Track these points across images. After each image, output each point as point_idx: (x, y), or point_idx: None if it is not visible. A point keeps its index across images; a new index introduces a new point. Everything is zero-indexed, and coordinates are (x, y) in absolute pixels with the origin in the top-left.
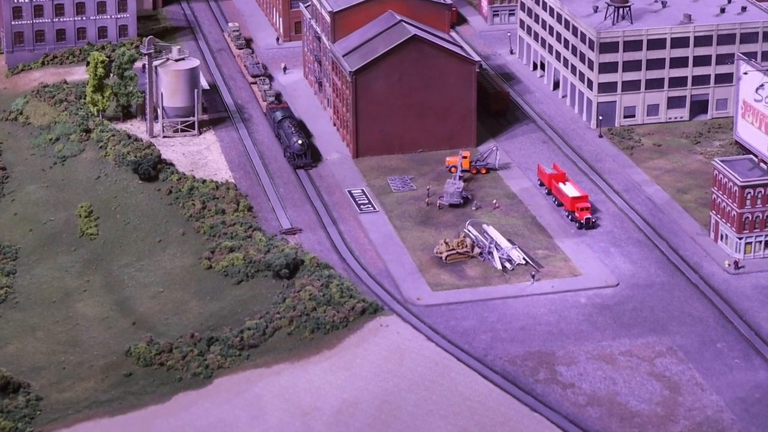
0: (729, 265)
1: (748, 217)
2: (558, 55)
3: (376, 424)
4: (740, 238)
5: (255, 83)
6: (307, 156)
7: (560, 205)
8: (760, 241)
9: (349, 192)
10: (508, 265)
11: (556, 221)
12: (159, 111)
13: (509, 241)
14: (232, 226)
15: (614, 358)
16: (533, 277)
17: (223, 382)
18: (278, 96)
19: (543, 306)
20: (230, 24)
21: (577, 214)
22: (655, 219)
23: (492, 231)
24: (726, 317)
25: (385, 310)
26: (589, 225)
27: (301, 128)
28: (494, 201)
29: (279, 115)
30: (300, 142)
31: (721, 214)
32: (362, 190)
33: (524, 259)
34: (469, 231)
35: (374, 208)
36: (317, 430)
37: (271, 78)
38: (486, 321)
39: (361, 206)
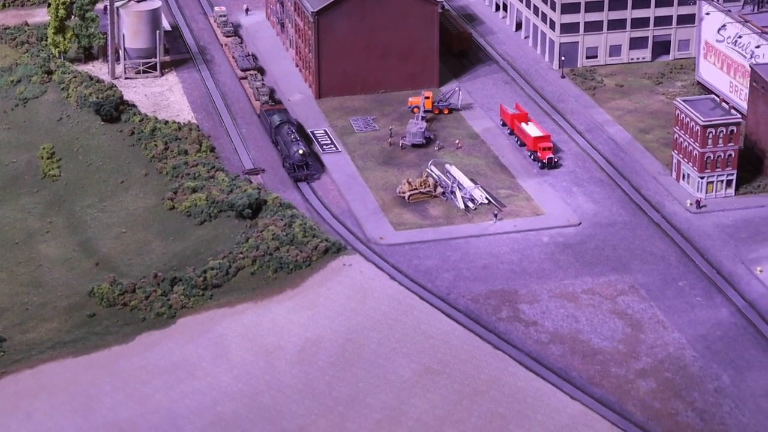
0: (691, 204)
1: (709, 157)
2: None
3: (340, 362)
4: (702, 178)
5: (245, 78)
6: (308, 167)
7: (522, 145)
8: (722, 181)
9: (312, 132)
10: (470, 204)
11: (518, 161)
12: (121, 52)
13: (472, 180)
14: (195, 167)
15: (577, 297)
16: (496, 216)
17: (187, 322)
18: (272, 94)
19: (505, 245)
20: (216, 8)
21: (539, 154)
22: (617, 159)
23: (454, 171)
24: (688, 256)
25: (348, 250)
26: (552, 165)
27: (300, 132)
28: (457, 141)
29: (276, 119)
30: (301, 152)
31: (682, 154)
32: (325, 130)
33: (487, 198)
34: (432, 171)
35: (337, 149)
36: (281, 369)
37: (263, 72)
38: (449, 260)
39: (324, 146)
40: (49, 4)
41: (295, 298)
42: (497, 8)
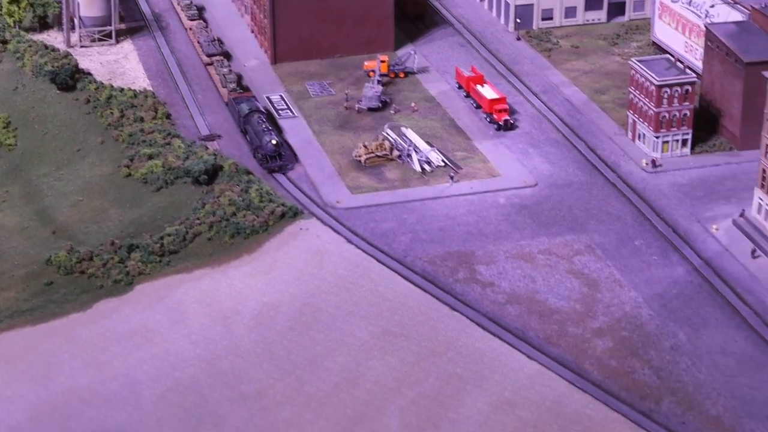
0: (646, 163)
1: (664, 116)
2: None
3: (297, 326)
4: (657, 137)
5: (211, 64)
6: (282, 157)
7: (478, 107)
8: (677, 140)
9: (268, 98)
10: (427, 167)
11: (474, 123)
12: (76, 21)
13: (428, 143)
14: (151, 134)
15: (533, 257)
16: (452, 178)
17: (144, 289)
18: (240, 80)
19: (462, 207)
20: None
21: (495, 116)
22: (573, 120)
23: (411, 134)
24: (644, 215)
25: (305, 214)
26: (508, 126)
27: (271, 121)
28: (413, 104)
29: (245, 108)
30: (274, 142)
31: (638, 114)
32: (281, 95)
33: (443, 161)
34: (388, 134)
35: (293, 114)
36: (238, 334)
37: (229, 57)
38: (405, 222)
39: (280, 112)
40: None
41: (253, 263)
42: None
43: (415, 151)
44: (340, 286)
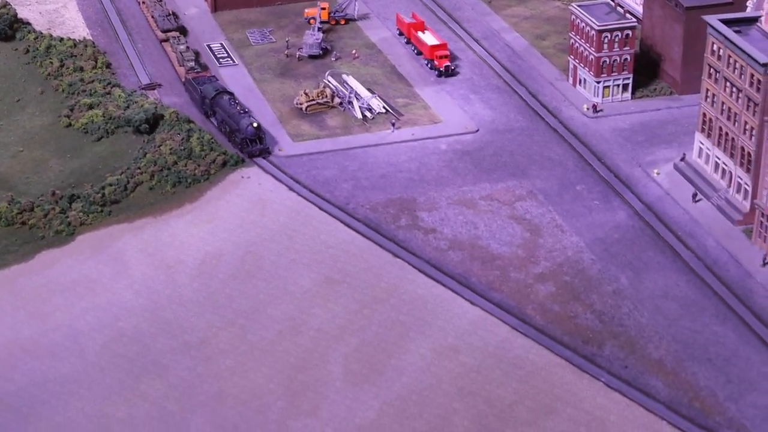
0: (588, 108)
1: (605, 61)
2: None
3: (240, 275)
4: (598, 82)
5: (167, 40)
6: (262, 140)
7: (419, 53)
8: (618, 85)
9: (209, 46)
10: (368, 114)
11: (415, 70)
12: None
13: (369, 90)
14: (91, 84)
15: (475, 203)
16: (393, 125)
17: (86, 239)
18: (198, 58)
19: (403, 153)
20: None
21: (436, 62)
22: (514, 65)
23: (352, 81)
24: (585, 160)
25: (246, 162)
26: (449, 73)
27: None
28: (354, 51)
29: (210, 89)
30: (255, 125)
31: (579, 59)
32: (221, 44)
33: (384, 107)
34: (329, 81)
35: (234, 62)
36: (181, 283)
37: (185, 32)
38: (347, 170)
39: (221, 60)
40: None
41: (194, 212)
42: None
43: (357, 99)
44: (282, 234)
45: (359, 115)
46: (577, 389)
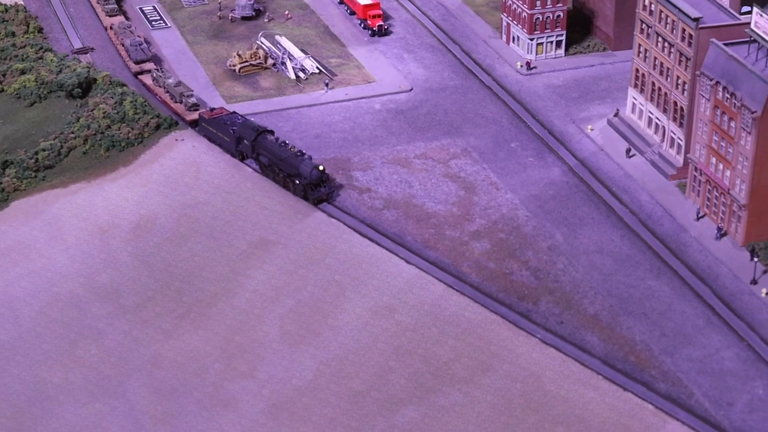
0: (521, 66)
1: (538, 18)
2: None
3: (175, 237)
4: (531, 39)
5: (141, 73)
6: (326, 184)
7: (352, 13)
8: (551, 42)
9: (140, 9)
10: (301, 74)
11: (349, 30)
12: None
13: (302, 51)
14: (23, 48)
15: (409, 162)
16: (327, 85)
17: (20, 205)
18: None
19: (338, 113)
20: None
21: (369, 22)
22: (447, 24)
23: (285, 42)
24: (519, 117)
25: (180, 125)
26: (382, 32)
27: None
28: (286, 12)
29: (249, 130)
30: (321, 167)
31: (512, 16)
32: (153, 6)
33: (317, 68)
34: (262, 42)
35: (166, 24)
36: (116, 247)
37: (158, 61)
38: (281, 130)
39: (153, 23)
40: None
41: (128, 176)
42: None
43: (290, 59)
44: (216, 196)
45: (292, 76)
46: (513, 346)
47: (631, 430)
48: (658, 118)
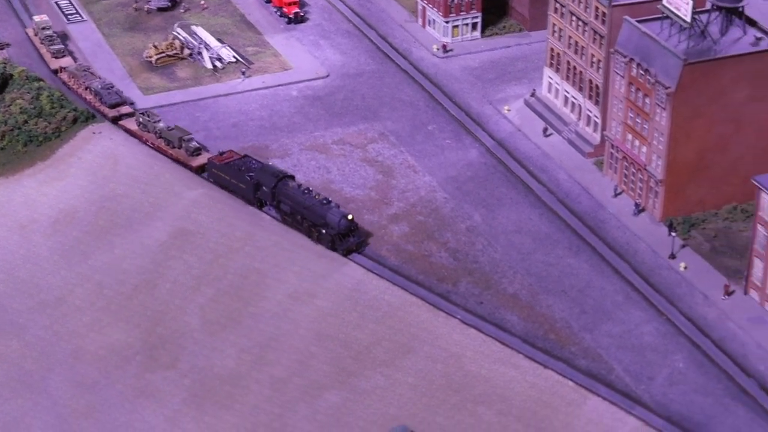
0: (437, 49)
1: (453, 1)
2: None
3: (94, 230)
4: (447, 22)
5: (119, 118)
6: (355, 232)
7: (268, 1)
8: (467, 24)
9: (56, 3)
10: (218, 64)
11: (265, 18)
12: None
13: (219, 40)
14: None
15: (327, 147)
16: (244, 73)
17: None
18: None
19: (255, 101)
20: (37, 18)
21: (285, 10)
22: (363, 9)
23: (201, 32)
24: (436, 100)
25: (97, 118)
26: (298, 19)
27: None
28: (202, 2)
29: (269, 176)
30: (350, 216)
31: (427, 0)
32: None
33: (234, 56)
34: (178, 33)
35: (82, 18)
36: (36, 242)
37: (129, 102)
38: (198, 120)
39: (69, 16)
40: None
41: (47, 170)
42: None
43: (206, 49)
44: (135, 187)
45: (209, 66)
46: (433, 327)
47: (552, 407)
48: (574, 97)
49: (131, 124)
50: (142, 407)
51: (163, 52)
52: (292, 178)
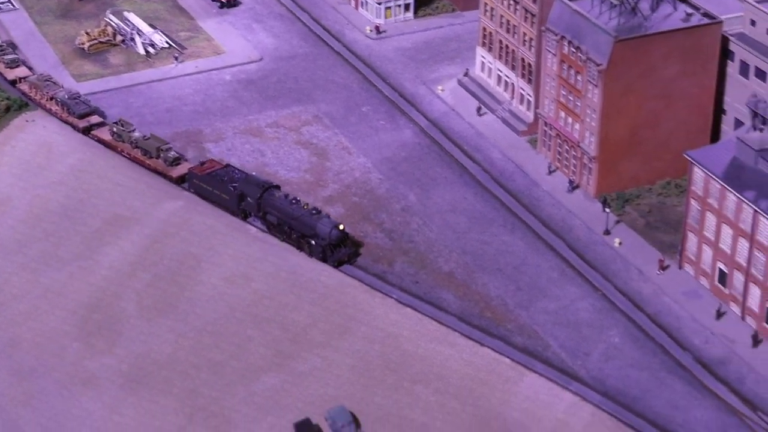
0: (371, 30)
1: None
2: None
3: (29, 219)
4: (380, 3)
5: (90, 128)
6: (346, 243)
7: None
8: (400, 5)
9: None
10: (151, 49)
11: (197, 3)
12: None
13: (151, 26)
14: None
15: (261, 131)
16: (177, 59)
17: None
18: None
19: (188, 86)
20: None
21: None
22: None
23: (133, 17)
24: (370, 81)
25: (30, 106)
26: (230, 4)
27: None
28: None
29: (253, 187)
30: (341, 226)
31: None
32: None
33: (167, 42)
34: (111, 19)
35: (14, 6)
36: None
37: (101, 114)
38: (132, 107)
39: (1, 6)
40: None
41: None
42: None
43: (139, 35)
44: (69, 175)
45: (142, 52)
46: (369, 308)
47: (489, 384)
48: (507, 76)
49: (104, 134)
50: (81, 394)
51: (95, 39)
52: (278, 188)
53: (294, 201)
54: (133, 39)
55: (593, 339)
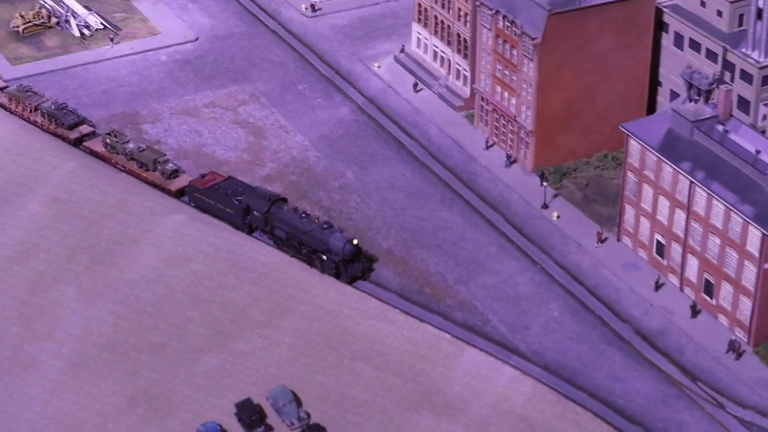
0: (306, 8)
1: None
2: None
3: None
4: None
5: (80, 139)
6: (360, 258)
7: None
8: None
9: None
10: (86, 31)
11: None
12: None
13: (86, 7)
14: None
15: (198, 111)
16: (112, 40)
17: None
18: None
19: (124, 68)
20: None
21: None
22: None
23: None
24: (306, 60)
25: None
26: None
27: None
28: None
29: (260, 200)
30: (355, 241)
31: None
32: None
33: (102, 23)
34: (45, 2)
35: None
36: None
37: (89, 122)
38: (68, 89)
39: None
40: None
41: None
42: None
43: (74, 17)
44: (6, 159)
45: (77, 33)
46: (309, 286)
47: (429, 360)
48: (443, 51)
49: (97, 145)
50: (20, 379)
51: (30, 22)
52: (285, 200)
53: (304, 215)
54: (68, 21)
55: (533, 313)
